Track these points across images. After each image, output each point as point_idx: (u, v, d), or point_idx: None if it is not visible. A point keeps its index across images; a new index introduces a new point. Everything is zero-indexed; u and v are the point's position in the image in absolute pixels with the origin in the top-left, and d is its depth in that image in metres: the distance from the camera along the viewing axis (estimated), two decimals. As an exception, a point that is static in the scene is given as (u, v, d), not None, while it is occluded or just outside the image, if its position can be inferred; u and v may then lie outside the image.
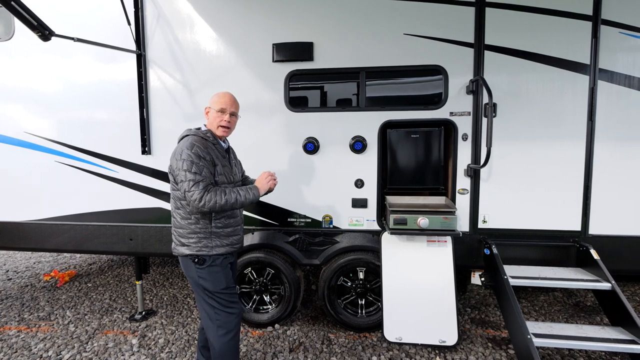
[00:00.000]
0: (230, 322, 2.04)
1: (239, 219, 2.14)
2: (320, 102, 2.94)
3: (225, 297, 2.02)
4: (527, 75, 2.66)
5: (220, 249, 2.00)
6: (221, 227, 2.01)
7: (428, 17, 2.70)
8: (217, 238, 2.00)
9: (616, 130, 2.62)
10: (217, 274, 2.00)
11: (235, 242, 2.09)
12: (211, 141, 1.99)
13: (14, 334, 3.00)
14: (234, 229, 2.08)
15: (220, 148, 2.04)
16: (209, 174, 1.89)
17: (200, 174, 1.85)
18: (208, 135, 2.00)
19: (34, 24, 2.17)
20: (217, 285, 1.99)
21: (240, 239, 2.14)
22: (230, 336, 2.03)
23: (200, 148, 1.89)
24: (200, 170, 1.85)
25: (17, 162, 3.15)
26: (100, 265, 4.74)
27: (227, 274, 2.05)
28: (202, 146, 1.91)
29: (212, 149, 1.96)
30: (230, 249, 2.05)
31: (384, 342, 2.75)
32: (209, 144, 1.97)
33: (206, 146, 1.93)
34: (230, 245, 2.05)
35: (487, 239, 2.74)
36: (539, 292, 3.68)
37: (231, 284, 2.08)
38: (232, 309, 2.05)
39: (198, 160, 1.86)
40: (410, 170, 2.89)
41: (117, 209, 3.09)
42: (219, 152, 2.01)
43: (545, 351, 2.62)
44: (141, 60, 2.93)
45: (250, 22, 2.85)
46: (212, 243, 1.98)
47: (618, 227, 2.68)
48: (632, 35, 2.56)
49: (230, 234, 2.06)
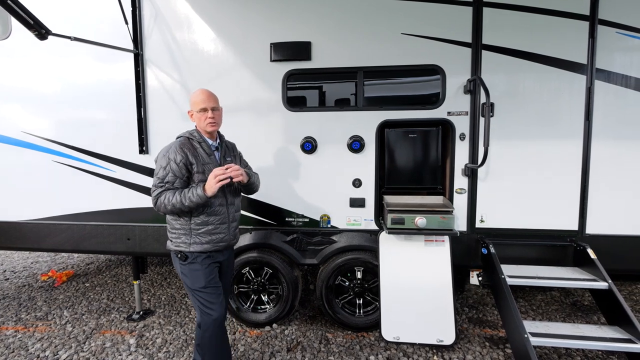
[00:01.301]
0: (208, 323, 2.05)
1: (223, 217, 2.09)
2: (318, 102, 2.94)
3: (204, 297, 2.03)
4: (525, 74, 2.66)
5: (198, 247, 2.02)
6: (200, 225, 2.02)
7: (426, 17, 2.70)
8: (196, 235, 2.02)
9: (613, 130, 2.63)
10: (197, 272, 2.03)
11: (217, 240, 2.06)
12: (197, 140, 2.06)
13: (11, 334, 2.99)
14: (216, 227, 2.05)
15: (206, 146, 2.08)
16: (172, 178, 1.96)
17: (162, 179, 1.96)
18: (194, 135, 2.08)
19: (30, 23, 2.16)
20: (195, 283, 2.03)
21: (225, 237, 2.10)
22: (208, 334, 2.07)
23: (178, 150, 1.97)
24: (164, 176, 1.96)
25: (14, 162, 3.14)
26: (98, 265, 4.73)
27: (207, 274, 2.04)
28: (183, 147, 1.99)
29: (195, 149, 2.03)
30: (210, 247, 2.04)
31: (382, 342, 2.75)
32: (194, 144, 2.05)
33: (188, 147, 2.01)
34: (210, 244, 2.03)
35: (485, 239, 2.74)
36: (536, 292, 3.69)
37: (212, 284, 2.05)
38: (210, 310, 2.04)
39: (166, 164, 1.96)
40: (408, 169, 2.89)
41: (115, 209, 3.08)
42: (203, 150, 2.06)
43: (543, 350, 2.63)
44: (139, 60, 2.93)
45: (248, 21, 2.85)
46: (190, 240, 2.02)
47: (615, 227, 2.69)
48: (629, 35, 2.57)
49: (211, 232, 2.04)
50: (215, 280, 2.09)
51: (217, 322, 2.05)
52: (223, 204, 2.09)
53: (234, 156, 2.28)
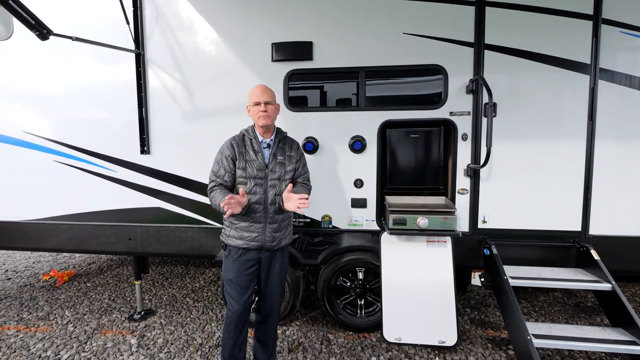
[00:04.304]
0: (228, 316, 2.15)
1: (259, 216, 2.07)
2: (320, 102, 2.93)
3: (229, 289, 2.13)
4: (527, 74, 2.65)
5: (232, 240, 2.10)
6: (237, 219, 2.09)
7: (428, 17, 2.69)
8: (234, 229, 2.11)
9: (617, 130, 2.61)
10: (229, 263, 2.13)
11: (249, 238, 2.07)
12: (249, 136, 2.13)
13: (12, 334, 3.00)
14: (250, 225, 2.07)
15: (256, 143, 2.12)
16: (223, 172, 2.09)
17: (216, 173, 2.11)
18: (248, 131, 2.16)
19: (31, 23, 2.16)
20: (226, 273, 2.14)
21: (258, 237, 2.07)
22: (226, 328, 2.16)
23: (229, 145, 2.10)
24: (217, 170, 2.11)
25: (16, 162, 3.14)
26: (99, 265, 4.73)
27: (237, 268, 2.10)
28: (233, 143, 2.11)
29: (245, 145, 2.11)
30: (242, 244, 2.08)
31: (383, 343, 2.74)
32: (245, 140, 2.13)
33: (239, 142, 2.11)
34: (242, 240, 2.08)
35: (487, 239, 2.73)
36: (539, 293, 3.67)
37: (238, 280, 2.10)
38: (230, 304, 2.14)
39: (220, 159, 2.11)
40: (409, 170, 2.88)
41: (116, 209, 3.08)
42: (252, 146, 2.11)
43: (545, 352, 2.61)
44: (140, 60, 2.92)
45: (249, 21, 2.84)
46: (229, 232, 2.13)
47: (619, 228, 2.67)
48: (633, 34, 2.55)
49: (246, 229, 2.08)
50: (244, 278, 2.10)
51: (235, 316, 2.12)
52: (260, 202, 2.07)
53: (288, 157, 2.16)
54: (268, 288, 2.22)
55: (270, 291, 2.23)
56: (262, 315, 2.28)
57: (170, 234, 3.02)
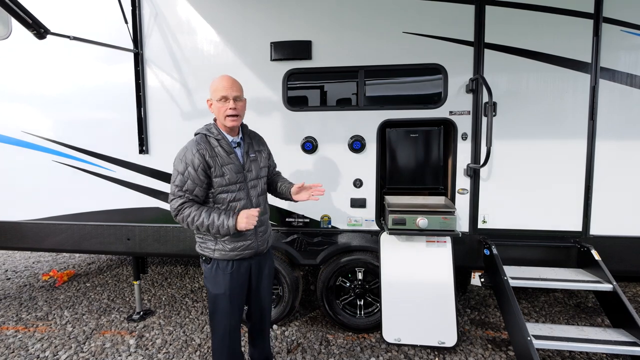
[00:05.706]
0: (220, 335, 1.97)
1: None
2: (319, 101, 2.91)
3: (221, 304, 1.92)
4: (528, 73, 2.63)
5: (222, 254, 1.88)
6: None
7: (427, 15, 2.68)
8: (221, 242, 1.88)
9: (618, 130, 2.59)
10: (218, 277, 1.91)
11: (242, 247, 1.90)
12: (215, 137, 1.84)
13: (11, 334, 2.99)
14: (241, 234, 1.88)
15: (226, 143, 1.85)
16: (192, 186, 1.78)
17: (182, 187, 1.78)
18: (212, 132, 1.86)
19: (28, 22, 2.15)
20: (215, 287, 1.92)
21: (251, 244, 1.92)
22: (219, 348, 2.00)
23: (194, 152, 1.78)
24: (183, 184, 1.78)
25: (15, 162, 3.13)
26: (99, 265, 4.73)
27: (231, 280, 1.90)
28: (199, 148, 1.79)
29: (212, 148, 1.83)
30: (234, 255, 1.88)
31: (383, 343, 2.73)
32: (211, 141, 1.84)
33: (205, 147, 1.81)
34: (234, 251, 1.88)
35: (487, 240, 2.71)
36: (539, 293, 3.65)
37: (233, 292, 1.91)
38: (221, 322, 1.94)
39: (184, 170, 1.78)
40: (409, 169, 2.87)
41: (115, 209, 3.07)
42: (222, 148, 1.84)
43: (546, 353, 2.59)
44: (138, 59, 2.91)
45: (248, 20, 2.83)
46: (214, 246, 1.89)
47: (620, 228, 2.65)
48: (634, 33, 2.53)
49: (236, 240, 1.88)
50: (239, 289, 1.94)
51: (229, 331, 1.95)
52: (247, 207, 1.88)
53: (258, 152, 2.01)
54: (260, 292, 2.08)
55: (262, 295, 2.09)
56: (254, 321, 2.15)
57: (169, 234, 3.01)
